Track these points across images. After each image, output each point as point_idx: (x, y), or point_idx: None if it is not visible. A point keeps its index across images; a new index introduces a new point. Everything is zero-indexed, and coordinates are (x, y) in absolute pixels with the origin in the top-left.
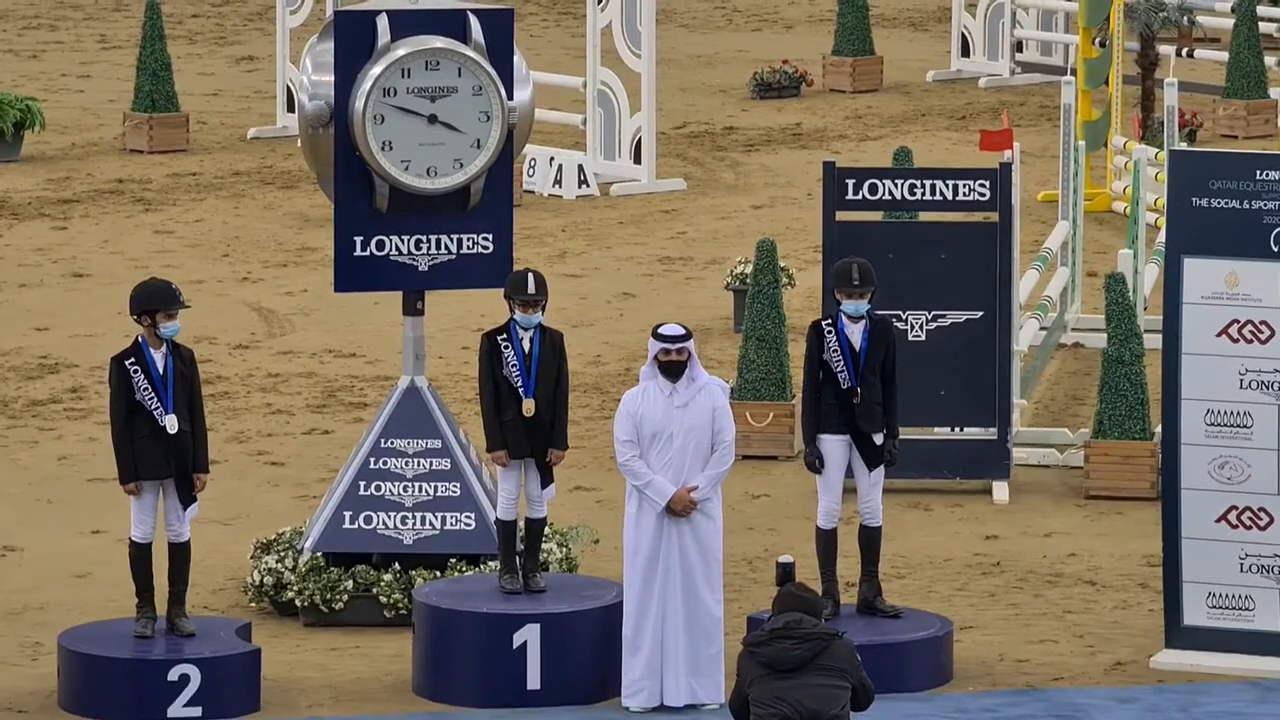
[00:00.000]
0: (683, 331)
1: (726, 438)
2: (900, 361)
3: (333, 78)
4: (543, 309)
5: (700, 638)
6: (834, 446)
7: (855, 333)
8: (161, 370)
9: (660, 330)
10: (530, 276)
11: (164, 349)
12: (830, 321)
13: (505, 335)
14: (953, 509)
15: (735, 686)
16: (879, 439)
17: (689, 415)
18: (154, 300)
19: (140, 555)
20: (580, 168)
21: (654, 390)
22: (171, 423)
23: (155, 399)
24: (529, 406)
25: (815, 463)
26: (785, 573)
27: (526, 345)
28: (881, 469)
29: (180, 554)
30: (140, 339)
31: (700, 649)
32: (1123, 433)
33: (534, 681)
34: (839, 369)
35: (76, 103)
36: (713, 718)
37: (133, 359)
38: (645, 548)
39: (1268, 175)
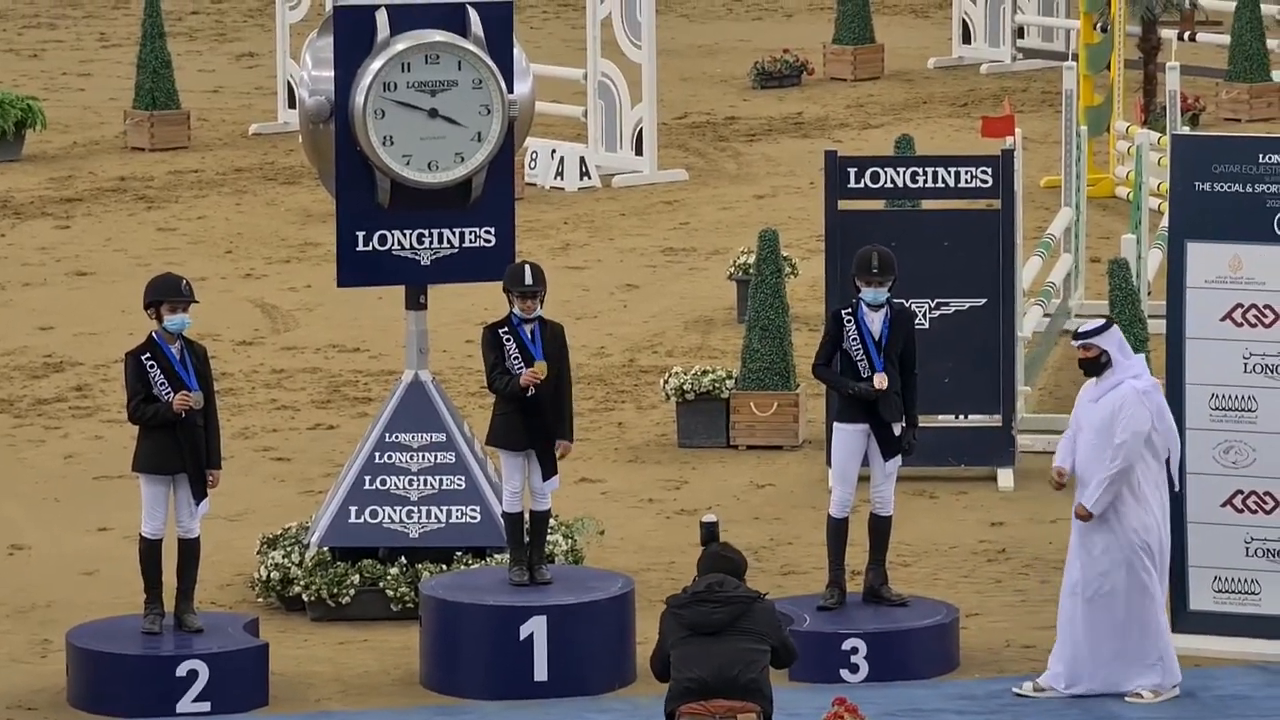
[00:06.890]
0: (1088, 327)
1: (1116, 440)
2: None
3: (333, 73)
4: (541, 300)
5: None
6: (851, 436)
7: (875, 321)
8: (179, 357)
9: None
10: (527, 268)
11: (179, 343)
12: (850, 310)
13: (506, 328)
14: (958, 496)
15: (657, 645)
16: (898, 429)
17: (1097, 411)
18: (158, 291)
19: (150, 551)
20: (582, 160)
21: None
22: (197, 399)
23: (171, 392)
24: (531, 382)
25: (864, 388)
26: (710, 533)
27: (528, 337)
28: (898, 459)
29: (190, 550)
30: (155, 334)
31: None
32: None
33: (541, 673)
34: (858, 358)
35: (77, 101)
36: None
37: (148, 354)
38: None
39: (1271, 159)
